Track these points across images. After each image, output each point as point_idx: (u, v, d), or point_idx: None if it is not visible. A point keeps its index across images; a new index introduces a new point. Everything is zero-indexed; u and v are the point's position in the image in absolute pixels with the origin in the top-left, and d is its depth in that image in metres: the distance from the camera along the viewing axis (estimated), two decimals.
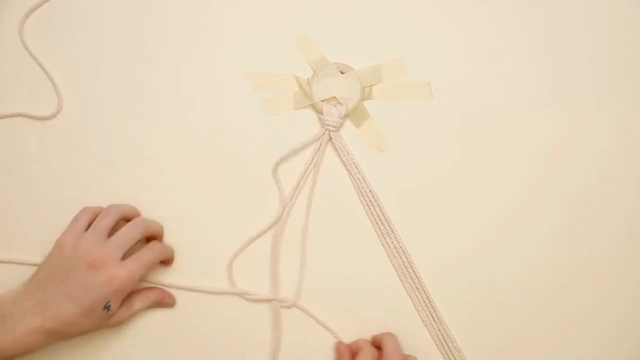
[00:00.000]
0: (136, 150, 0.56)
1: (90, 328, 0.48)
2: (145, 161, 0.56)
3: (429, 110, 0.57)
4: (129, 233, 0.50)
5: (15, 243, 0.55)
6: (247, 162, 0.56)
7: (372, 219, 0.56)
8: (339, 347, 0.53)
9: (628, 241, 0.56)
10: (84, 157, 0.56)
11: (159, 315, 0.54)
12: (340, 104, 0.57)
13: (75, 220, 0.51)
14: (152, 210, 0.55)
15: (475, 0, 0.59)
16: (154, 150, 0.56)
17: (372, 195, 0.56)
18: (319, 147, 0.56)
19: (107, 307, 0.48)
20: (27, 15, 0.57)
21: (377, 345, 0.52)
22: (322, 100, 0.57)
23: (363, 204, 0.56)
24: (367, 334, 0.54)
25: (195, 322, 0.54)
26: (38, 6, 0.57)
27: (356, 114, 0.57)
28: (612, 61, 0.58)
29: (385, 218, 0.56)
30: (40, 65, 0.57)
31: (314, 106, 0.57)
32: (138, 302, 0.52)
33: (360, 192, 0.56)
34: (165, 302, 0.54)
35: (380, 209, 0.56)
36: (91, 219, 0.51)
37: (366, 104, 0.58)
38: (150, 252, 0.51)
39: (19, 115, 0.56)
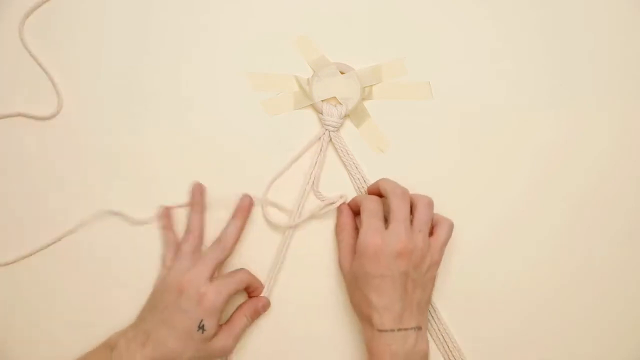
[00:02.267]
0: (136, 150, 0.56)
1: (193, 355, 0.48)
2: (145, 161, 0.56)
3: (429, 110, 0.57)
4: (213, 253, 0.51)
5: (16, 243, 0.55)
6: (247, 162, 0.56)
7: None
8: (339, 207, 0.53)
9: (628, 241, 0.56)
10: (84, 157, 0.56)
11: None
12: (340, 104, 0.57)
13: (163, 256, 0.54)
14: (152, 210, 0.55)
15: (475, 1, 0.59)
16: (154, 150, 0.56)
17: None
18: (320, 148, 0.56)
19: (201, 328, 0.48)
20: (27, 15, 0.57)
21: (376, 192, 0.52)
22: (322, 100, 0.57)
23: None
24: None
25: None
26: (38, 6, 0.57)
27: (356, 114, 0.57)
28: (612, 61, 0.58)
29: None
30: (40, 65, 0.57)
31: (314, 106, 0.57)
32: (237, 323, 0.52)
33: (361, 192, 0.56)
34: (262, 307, 0.53)
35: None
36: (174, 249, 0.53)
37: (366, 104, 0.58)
38: (236, 273, 0.52)
39: (19, 115, 0.56)
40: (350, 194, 0.56)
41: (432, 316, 0.54)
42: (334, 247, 0.55)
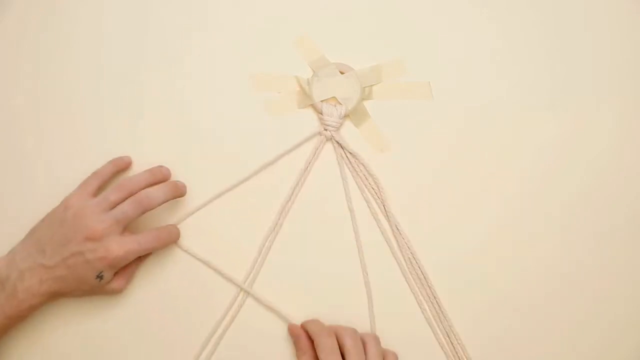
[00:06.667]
0: (136, 151, 0.56)
1: (88, 292, 0.50)
2: (145, 162, 0.56)
3: (429, 110, 0.57)
4: (129, 211, 0.50)
5: (14, 243, 0.55)
6: (248, 163, 0.56)
7: (376, 217, 0.56)
8: (294, 330, 0.52)
9: (628, 240, 0.56)
10: (84, 157, 0.56)
11: None
12: (340, 104, 0.57)
13: (84, 183, 0.52)
14: (152, 211, 0.55)
15: (475, 1, 0.59)
16: (154, 150, 0.56)
17: (376, 192, 0.56)
18: (318, 147, 0.56)
19: (99, 277, 0.49)
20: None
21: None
22: (322, 101, 0.57)
23: (368, 201, 0.56)
24: (370, 329, 0.54)
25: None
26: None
27: (356, 114, 0.57)
28: (612, 61, 0.59)
29: (389, 215, 0.55)
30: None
31: (314, 106, 0.57)
32: (132, 266, 0.52)
33: (365, 189, 0.56)
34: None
35: (384, 206, 0.56)
36: (101, 184, 0.53)
37: (366, 104, 0.58)
38: (152, 238, 0.51)
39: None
40: (352, 193, 0.56)
41: (437, 313, 0.54)
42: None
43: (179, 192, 0.53)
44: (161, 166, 0.54)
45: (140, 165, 0.56)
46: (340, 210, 0.56)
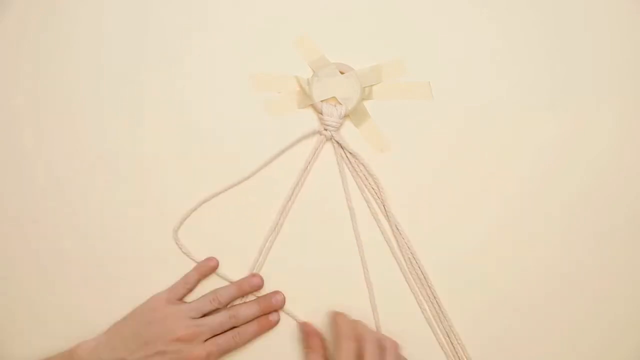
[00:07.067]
0: (136, 151, 0.56)
1: None
2: (145, 162, 0.56)
3: (429, 110, 0.58)
4: (220, 323, 0.51)
5: (14, 243, 0.55)
6: (248, 163, 0.56)
7: (376, 217, 0.56)
8: (306, 327, 0.53)
9: (628, 240, 0.56)
10: (84, 157, 0.56)
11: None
12: (340, 104, 0.57)
13: (172, 288, 0.53)
14: (151, 211, 0.55)
15: (475, 1, 0.59)
16: (154, 151, 0.56)
17: (376, 192, 0.56)
18: (318, 147, 0.56)
19: None
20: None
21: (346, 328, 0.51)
22: (322, 101, 0.57)
23: (368, 201, 0.56)
24: (373, 328, 0.54)
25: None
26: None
27: (356, 114, 0.57)
28: (612, 61, 0.59)
29: (389, 215, 0.55)
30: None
31: (314, 106, 0.57)
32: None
33: (365, 189, 0.56)
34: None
35: (384, 206, 0.56)
36: (188, 291, 0.53)
37: (366, 104, 0.58)
38: (232, 341, 0.52)
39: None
40: (352, 193, 0.56)
41: (437, 313, 0.54)
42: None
43: (270, 309, 0.53)
44: (253, 276, 0.54)
45: (141, 166, 0.56)
46: (340, 210, 0.56)
